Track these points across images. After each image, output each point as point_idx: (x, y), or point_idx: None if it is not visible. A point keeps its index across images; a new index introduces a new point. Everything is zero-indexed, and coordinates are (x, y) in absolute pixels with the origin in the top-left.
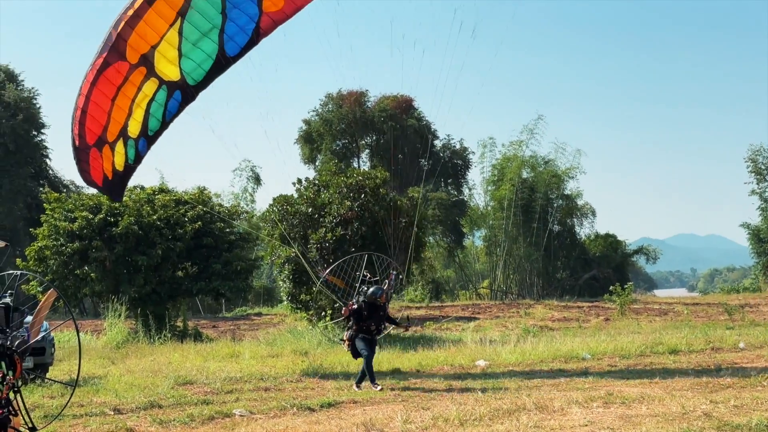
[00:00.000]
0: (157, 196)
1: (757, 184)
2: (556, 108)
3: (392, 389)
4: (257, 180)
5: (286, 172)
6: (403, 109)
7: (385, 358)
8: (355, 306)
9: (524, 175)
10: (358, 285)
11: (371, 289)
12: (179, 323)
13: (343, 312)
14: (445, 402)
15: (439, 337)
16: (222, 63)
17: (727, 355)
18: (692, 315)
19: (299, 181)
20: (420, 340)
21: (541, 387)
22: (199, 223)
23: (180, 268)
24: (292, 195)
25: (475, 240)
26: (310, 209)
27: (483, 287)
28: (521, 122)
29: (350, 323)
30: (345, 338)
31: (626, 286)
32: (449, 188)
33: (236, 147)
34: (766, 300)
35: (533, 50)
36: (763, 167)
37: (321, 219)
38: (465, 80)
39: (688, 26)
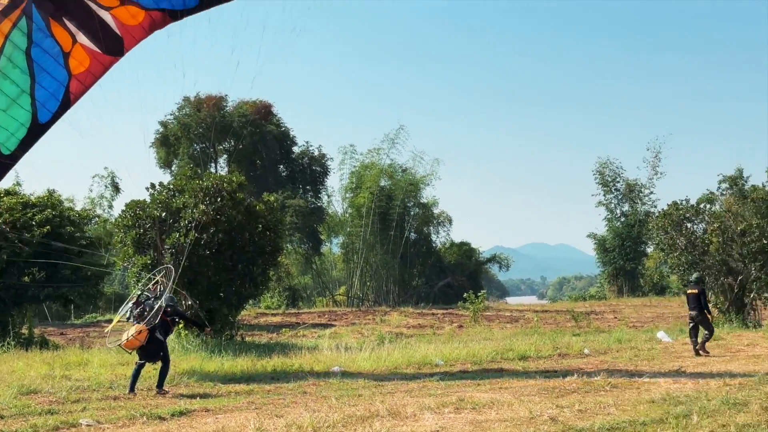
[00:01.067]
0: (2, 199)
1: (604, 195)
2: (418, 116)
3: (246, 396)
4: (116, 188)
5: (146, 179)
6: (262, 114)
7: (239, 365)
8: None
9: (382, 183)
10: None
11: (163, 297)
12: (24, 330)
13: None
14: (299, 409)
15: (294, 344)
16: (36, 131)
17: (573, 361)
18: (542, 322)
19: (153, 185)
20: (275, 347)
21: (394, 393)
22: (48, 227)
23: (26, 273)
24: (144, 200)
25: (333, 247)
26: (164, 214)
27: (340, 294)
28: (383, 131)
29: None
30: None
31: (480, 293)
32: (308, 195)
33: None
34: (610, 307)
35: (394, 58)
36: (609, 179)
37: (175, 224)
38: (327, 88)
39: (543, 56)
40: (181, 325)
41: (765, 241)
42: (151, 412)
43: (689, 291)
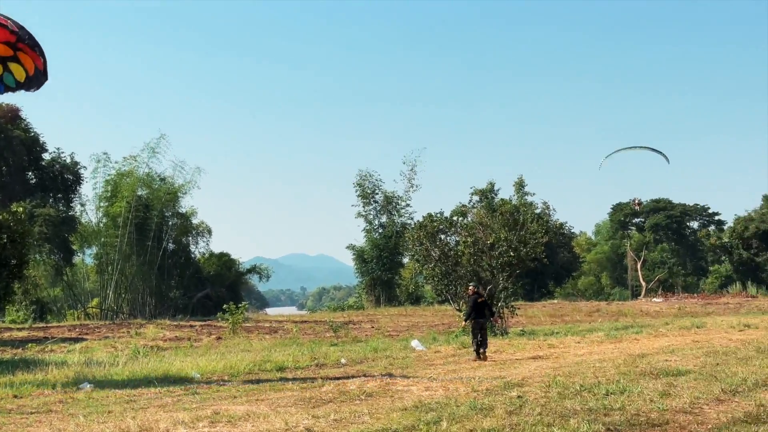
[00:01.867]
0: None
1: (363, 207)
2: (180, 124)
3: None
4: None
5: None
6: (8, 119)
7: None
8: None
9: (140, 192)
10: None
11: None
12: None
13: None
14: (43, 429)
15: (41, 360)
16: None
17: (331, 370)
18: (301, 332)
19: None
20: (19, 364)
21: (147, 408)
22: None
23: None
24: None
25: (86, 258)
26: None
27: (92, 307)
28: (143, 139)
29: None
30: None
31: (239, 305)
32: (59, 204)
33: None
34: (368, 317)
35: (155, 64)
36: (368, 191)
37: None
38: (81, 93)
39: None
40: None
41: (512, 253)
42: None
43: (479, 299)
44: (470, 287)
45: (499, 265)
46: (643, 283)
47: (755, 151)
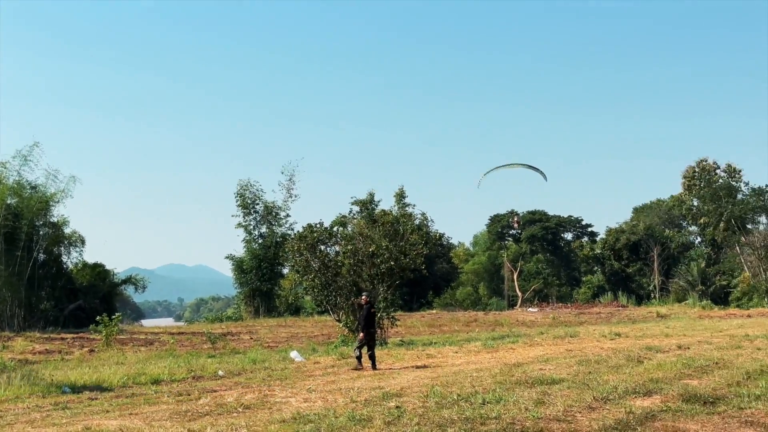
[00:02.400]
0: None
1: (244, 217)
2: (56, 132)
3: None
4: None
5: None
6: None
7: None
8: None
9: (9, 201)
10: None
11: None
12: None
13: None
14: None
15: None
16: None
17: (208, 383)
18: (177, 344)
19: None
20: None
21: (14, 425)
22: None
23: None
24: None
25: None
26: None
27: None
28: (14, 147)
29: None
30: None
31: (114, 316)
32: None
33: None
34: (247, 328)
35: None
36: (249, 201)
37: None
38: None
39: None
40: None
41: (393, 263)
42: None
43: (372, 309)
44: (363, 297)
45: (379, 275)
46: (520, 294)
47: (625, 166)
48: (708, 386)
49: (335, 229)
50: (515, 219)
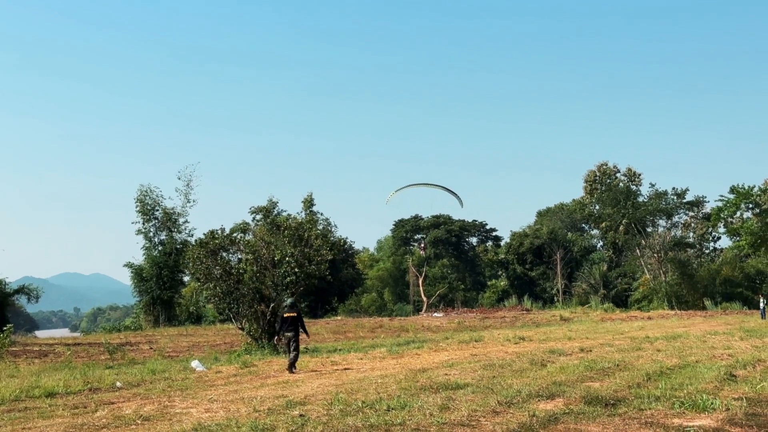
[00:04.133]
0: None
1: (143, 224)
2: None
3: None
4: None
5: None
6: None
7: None
8: None
9: None
10: None
11: None
12: None
13: None
14: None
15: None
16: None
17: (105, 395)
18: (74, 356)
19: None
20: None
21: None
22: None
23: None
24: None
25: None
26: None
27: None
28: None
29: None
30: None
31: (6, 327)
32: None
33: None
34: (146, 338)
35: None
36: (149, 207)
37: None
38: None
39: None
40: None
41: (297, 270)
42: None
43: (287, 314)
44: (288, 301)
45: (283, 283)
46: (425, 299)
47: (528, 171)
48: (609, 388)
49: (236, 235)
50: (422, 245)
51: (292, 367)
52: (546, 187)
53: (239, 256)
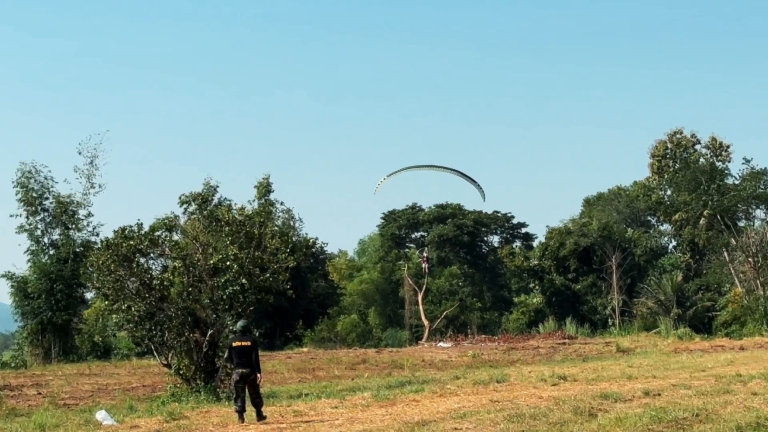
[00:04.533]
0: None
1: (28, 217)
2: None
3: None
4: None
5: None
6: None
7: None
8: None
9: None
10: None
11: None
12: None
13: None
14: None
15: None
16: None
17: None
18: None
19: None
20: None
21: None
22: None
23: None
24: None
25: None
26: None
27: None
28: None
29: None
30: None
31: None
32: None
33: None
34: (34, 379)
35: None
36: (35, 195)
37: None
38: None
39: None
40: None
41: (245, 281)
42: None
43: (237, 343)
44: (239, 324)
45: (224, 300)
46: (426, 322)
47: (572, 140)
48: None
49: (160, 234)
50: (424, 256)
51: (259, 414)
52: (597, 165)
53: (164, 263)
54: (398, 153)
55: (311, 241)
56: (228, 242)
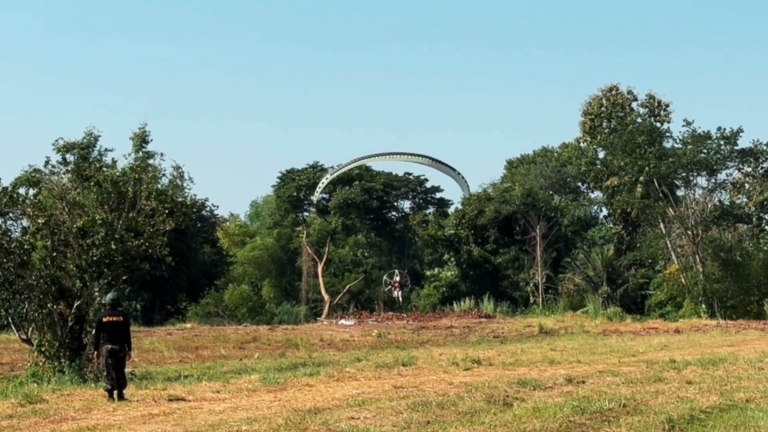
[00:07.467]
0: None
1: None
2: None
3: None
4: None
5: None
6: None
7: None
8: None
9: None
10: None
11: None
12: None
13: None
14: None
15: None
16: None
17: None
18: None
19: None
20: None
21: None
22: None
23: None
24: None
25: None
26: None
27: None
28: None
29: None
30: None
31: None
32: None
33: None
34: None
35: None
36: None
37: None
38: None
39: None
40: None
41: (115, 247)
42: None
43: (108, 318)
44: (108, 297)
45: (92, 267)
46: (326, 297)
47: (493, 95)
48: None
49: (20, 191)
50: (396, 282)
51: (120, 395)
52: (522, 123)
53: (24, 225)
54: (297, 99)
55: (198, 202)
56: (96, 203)
